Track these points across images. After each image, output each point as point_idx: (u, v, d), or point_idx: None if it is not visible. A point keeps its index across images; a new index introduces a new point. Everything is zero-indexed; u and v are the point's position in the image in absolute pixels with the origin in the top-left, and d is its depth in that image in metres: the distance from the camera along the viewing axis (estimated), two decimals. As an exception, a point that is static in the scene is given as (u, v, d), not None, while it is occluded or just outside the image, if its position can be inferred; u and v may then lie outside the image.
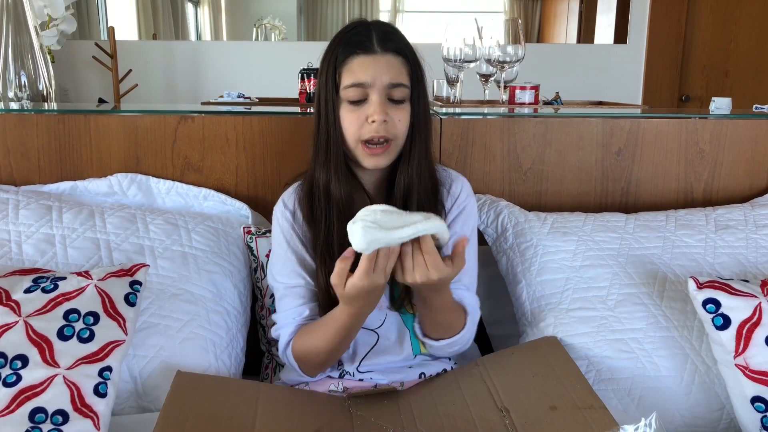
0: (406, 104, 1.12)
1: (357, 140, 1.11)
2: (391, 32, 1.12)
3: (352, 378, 1.19)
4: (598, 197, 1.54)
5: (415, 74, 1.13)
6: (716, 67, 3.68)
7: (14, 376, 1.03)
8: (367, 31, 1.11)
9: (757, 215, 1.41)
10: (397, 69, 1.10)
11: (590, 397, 1.03)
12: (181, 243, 1.34)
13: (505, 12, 4.20)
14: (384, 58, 1.09)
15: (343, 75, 1.10)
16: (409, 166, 1.14)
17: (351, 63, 1.10)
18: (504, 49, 2.04)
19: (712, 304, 1.15)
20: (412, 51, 1.14)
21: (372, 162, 1.12)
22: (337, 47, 1.11)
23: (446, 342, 1.15)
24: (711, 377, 1.19)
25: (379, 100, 1.09)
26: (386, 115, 1.09)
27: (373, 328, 1.19)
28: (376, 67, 1.09)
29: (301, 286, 1.17)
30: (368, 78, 1.08)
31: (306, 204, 1.18)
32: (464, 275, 1.18)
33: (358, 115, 1.10)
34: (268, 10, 3.99)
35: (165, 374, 1.17)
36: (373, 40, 1.10)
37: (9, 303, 1.10)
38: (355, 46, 1.10)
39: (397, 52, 1.11)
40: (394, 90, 1.10)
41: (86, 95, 3.42)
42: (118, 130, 1.47)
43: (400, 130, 1.12)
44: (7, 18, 1.70)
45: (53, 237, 1.31)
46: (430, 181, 1.18)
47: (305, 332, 1.14)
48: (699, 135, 1.53)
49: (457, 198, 1.22)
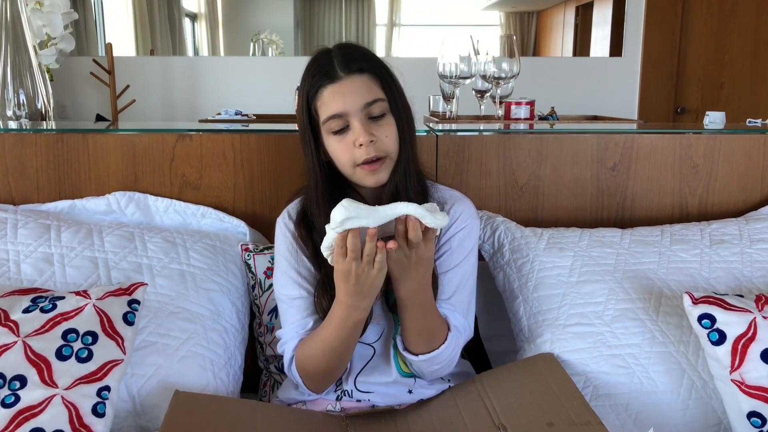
0: (389, 116, 1.13)
1: (353, 165, 1.12)
2: (352, 53, 1.13)
3: (350, 399, 1.19)
4: (593, 212, 1.55)
5: (387, 84, 1.13)
6: (711, 79, 3.71)
7: (13, 396, 1.03)
8: (328, 58, 1.12)
9: (752, 229, 1.42)
10: (367, 87, 1.11)
11: (587, 414, 1.03)
12: (179, 261, 1.35)
13: (501, 26, 4.23)
14: (350, 81, 1.10)
15: (319, 109, 1.12)
16: (396, 172, 1.15)
17: (321, 95, 1.11)
18: (499, 64, 2.06)
19: (708, 319, 1.15)
20: (377, 63, 1.14)
21: (373, 180, 1.12)
22: (306, 81, 1.13)
23: (426, 357, 1.13)
24: (708, 392, 1.20)
25: (360, 124, 1.09)
26: (372, 135, 1.09)
27: (369, 342, 1.20)
28: (346, 93, 1.09)
29: (303, 297, 1.17)
30: (341, 107, 1.09)
31: (303, 225, 1.20)
32: (453, 295, 1.18)
33: (346, 143, 1.11)
34: (266, 24, 4.00)
35: (163, 393, 1.17)
36: (335, 66, 1.10)
37: (7, 323, 1.11)
38: (321, 76, 1.11)
39: (362, 70, 1.11)
40: (371, 107, 1.10)
41: (84, 111, 3.43)
42: (116, 149, 1.48)
43: (390, 145, 1.12)
44: (6, 37, 1.71)
45: (52, 256, 1.31)
46: (418, 185, 1.18)
47: (306, 342, 1.15)
48: (693, 149, 1.54)
49: (456, 220, 1.21)
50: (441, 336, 1.14)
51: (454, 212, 1.22)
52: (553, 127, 2.08)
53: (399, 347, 1.16)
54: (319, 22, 4.17)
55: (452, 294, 1.18)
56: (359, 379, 1.19)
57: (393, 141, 1.13)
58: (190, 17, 4.00)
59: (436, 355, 1.13)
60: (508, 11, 4.22)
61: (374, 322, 1.19)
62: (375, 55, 1.15)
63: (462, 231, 1.21)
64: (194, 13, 3.98)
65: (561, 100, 3.03)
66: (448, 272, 1.19)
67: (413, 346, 1.14)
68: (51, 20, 2.38)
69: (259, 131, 1.53)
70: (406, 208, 0.97)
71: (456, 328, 1.17)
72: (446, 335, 1.14)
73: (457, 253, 1.20)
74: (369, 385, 1.19)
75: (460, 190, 1.29)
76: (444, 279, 1.19)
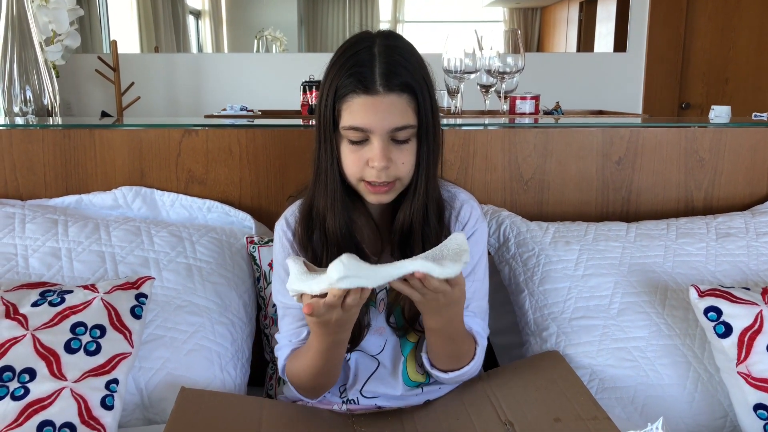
0: (412, 142, 1.03)
1: (358, 179, 1.05)
2: (398, 63, 1.00)
3: (356, 405, 1.17)
4: (599, 206, 1.55)
5: (423, 107, 1.02)
6: (716, 75, 3.69)
7: (22, 389, 1.04)
8: (371, 61, 1.00)
9: (758, 223, 1.42)
10: (402, 110, 1.00)
11: (594, 409, 1.04)
12: (186, 255, 1.36)
13: (504, 22, 4.22)
14: (387, 99, 0.99)
15: (343, 113, 1.01)
16: (413, 203, 1.07)
17: (351, 102, 1.00)
18: (504, 59, 2.06)
19: (714, 312, 1.15)
20: (421, 78, 1.02)
21: (375, 198, 1.06)
22: (339, 74, 1.01)
23: (455, 374, 1.11)
24: (714, 385, 1.20)
25: (380, 146, 1.00)
26: (388, 161, 1.01)
27: (373, 354, 1.16)
28: (378, 112, 0.99)
29: (297, 307, 1.13)
30: (369, 123, 0.99)
31: (303, 228, 1.12)
32: (472, 301, 1.13)
33: (360, 156, 1.02)
34: (269, 21, 4.01)
35: (171, 386, 1.18)
36: (375, 76, 0.99)
37: (16, 317, 1.11)
38: (357, 81, 0.99)
39: (402, 88, 1.00)
40: (398, 132, 1.01)
41: (89, 108, 3.44)
42: (123, 144, 1.49)
43: (404, 172, 1.04)
44: (12, 33, 1.72)
45: (59, 250, 1.32)
46: (436, 212, 1.11)
47: (296, 356, 1.12)
48: (699, 143, 1.54)
49: (466, 224, 1.15)
50: (470, 353, 1.12)
51: (463, 216, 1.15)
52: (558, 121, 2.08)
53: (426, 365, 1.12)
54: (323, 18, 4.16)
55: (470, 300, 1.13)
56: (365, 389, 1.16)
57: (409, 167, 1.04)
58: (193, 14, 4.00)
59: (465, 371, 1.12)
60: (511, 7, 4.21)
61: (375, 333, 1.15)
62: (421, 65, 1.04)
63: (473, 236, 1.15)
64: (198, 10, 3.99)
65: (565, 96, 3.03)
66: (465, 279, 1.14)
67: (442, 365, 1.11)
68: (57, 17, 2.38)
69: (265, 126, 1.53)
70: (411, 265, 0.89)
71: (479, 334, 1.14)
72: (474, 351, 1.12)
73: (471, 259, 1.14)
74: (375, 394, 1.17)
75: (466, 185, 1.29)
76: None
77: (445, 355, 1.10)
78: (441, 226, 1.12)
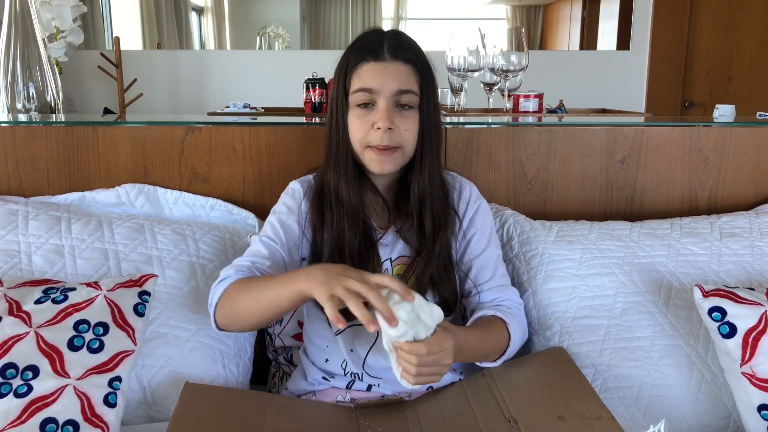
0: (414, 111, 1.13)
1: (363, 146, 1.13)
2: (403, 41, 1.14)
3: (360, 383, 1.19)
4: (602, 205, 1.55)
5: (425, 83, 1.14)
6: (719, 73, 3.69)
7: (25, 386, 1.03)
8: (380, 39, 1.13)
9: (762, 223, 1.41)
10: (406, 77, 1.12)
11: (598, 408, 1.04)
12: (189, 253, 1.35)
13: (507, 19, 4.21)
14: (393, 65, 1.11)
15: (353, 80, 1.13)
16: (421, 174, 1.16)
17: (360, 69, 1.12)
18: (507, 57, 2.05)
19: (718, 312, 1.15)
20: (424, 60, 1.15)
21: (378, 167, 1.13)
22: (350, 54, 1.14)
23: (503, 359, 1.17)
24: (717, 385, 1.20)
25: (385, 107, 1.10)
26: (392, 123, 1.10)
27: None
28: (385, 74, 1.11)
29: (275, 245, 1.14)
30: (376, 84, 1.10)
31: (316, 205, 1.18)
32: (495, 273, 1.21)
33: (366, 121, 1.12)
34: (272, 18, 4.00)
35: (173, 384, 1.18)
36: (384, 47, 1.12)
37: (20, 314, 1.11)
38: (366, 52, 1.12)
39: (407, 60, 1.12)
40: (402, 96, 1.11)
41: (91, 105, 3.44)
42: (126, 141, 1.49)
43: (407, 139, 1.13)
44: (16, 30, 1.72)
45: (62, 248, 1.32)
46: (441, 188, 1.20)
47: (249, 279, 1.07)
48: (703, 142, 1.53)
49: (469, 200, 1.24)
50: (505, 338, 1.16)
51: (465, 195, 1.24)
52: (561, 120, 2.08)
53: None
54: (326, 15, 4.16)
55: (494, 272, 1.21)
56: (367, 364, 1.18)
57: (411, 136, 1.13)
58: (196, 11, 4.00)
59: (510, 351, 1.17)
60: (514, 5, 4.20)
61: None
62: (424, 54, 1.16)
63: (479, 211, 1.24)
64: (200, 6, 3.98)
65: (568, 94, 3.02)
66: (483, 253, 1.22)
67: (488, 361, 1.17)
68: (60, 13, 2.38)
69: (268, 124, 1.53)
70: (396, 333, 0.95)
71: (513, 302, 1.21)
72: (508, 334, 1.16)
73: (482, 232, 1.23)
74: (378, 371, 1.18)
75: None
76: (481, 261, 1.21)
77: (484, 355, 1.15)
78: (447, 206, 1.20)
